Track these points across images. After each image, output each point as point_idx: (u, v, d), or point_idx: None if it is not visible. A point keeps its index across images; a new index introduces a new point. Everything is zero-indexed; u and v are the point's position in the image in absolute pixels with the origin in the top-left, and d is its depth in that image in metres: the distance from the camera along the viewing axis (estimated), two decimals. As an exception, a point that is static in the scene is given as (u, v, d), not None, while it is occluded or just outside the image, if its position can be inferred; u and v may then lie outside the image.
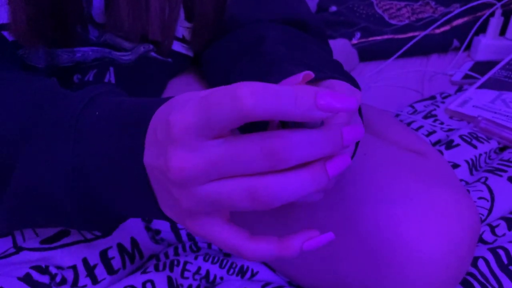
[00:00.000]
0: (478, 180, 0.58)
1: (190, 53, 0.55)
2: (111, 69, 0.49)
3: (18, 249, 0.44)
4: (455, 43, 1.02)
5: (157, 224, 0.50)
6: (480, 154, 0.64)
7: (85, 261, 0.45)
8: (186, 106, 0.25)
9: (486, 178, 0.58)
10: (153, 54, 0.50)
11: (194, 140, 0.24)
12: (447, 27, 1.05)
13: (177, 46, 0.52)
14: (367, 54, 1.02)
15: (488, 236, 0.51)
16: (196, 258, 0.48)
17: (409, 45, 0.98)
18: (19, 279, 0.42)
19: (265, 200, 0.25)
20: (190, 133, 0.24)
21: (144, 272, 0.45)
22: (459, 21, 1.06)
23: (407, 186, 0.42)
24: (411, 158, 0.46)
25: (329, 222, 0.42)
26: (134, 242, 0.48)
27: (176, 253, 0.50)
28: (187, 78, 0.58)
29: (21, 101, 0.35)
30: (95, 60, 0.48)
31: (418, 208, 0.40)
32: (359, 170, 0.42)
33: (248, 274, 0.47)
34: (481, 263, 0.47)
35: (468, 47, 1.02)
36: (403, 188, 0.42)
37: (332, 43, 0.57)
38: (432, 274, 0.39)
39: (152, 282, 0.44)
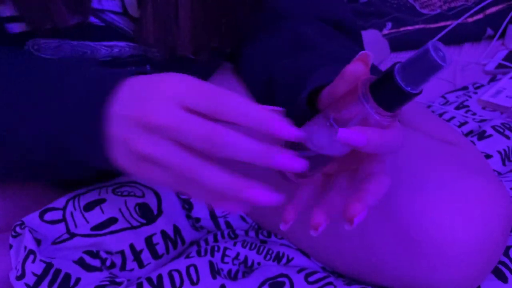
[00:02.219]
0: (511, 171, 0.58)
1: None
2: (148, 66, 0.52)
3: (72, 235, 0.47)
4: (489, 31, 1.01)
5: (197, 212, 0.53)
6: (513, 145, 0.64)
7: (132, 246, 0.48)
8: (186, 79, 0.32)
9: (519, 169, 0.58)
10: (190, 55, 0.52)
11: (174, 103, 0.31)
12: (480, 16, 1.04)
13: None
14: (398, 44, 1.01)
15: (520, 226, 0.52)
16: (235, 244, 0.50)
17: (441, 34, 0.98)
18: (74, 262, 0.46)
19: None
20: (178, 96, 0.31)
21: (187, 257, 0.48)
22: (493, 9, 1.05)
23: (441, 175, 0.43)
24: (444, 148, 0.48)
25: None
26: (176, 229, 0.51)
27: (216, 240, 0.53)
28: (224, 75, 0.60)
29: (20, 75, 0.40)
30: (131, 57, 0.50)
31: (451, 197, 0.42)
32: (394, 160, 0.44)
33: (284, 260, 0.50)
34: (513, 252, 0.48)
35: (502, 36, 1.01)
36: (437, 177, 0.43)
37: (363, 34, 0.58)
38: (465, 259, 0.41)
39: (195, 266, 0.47)
